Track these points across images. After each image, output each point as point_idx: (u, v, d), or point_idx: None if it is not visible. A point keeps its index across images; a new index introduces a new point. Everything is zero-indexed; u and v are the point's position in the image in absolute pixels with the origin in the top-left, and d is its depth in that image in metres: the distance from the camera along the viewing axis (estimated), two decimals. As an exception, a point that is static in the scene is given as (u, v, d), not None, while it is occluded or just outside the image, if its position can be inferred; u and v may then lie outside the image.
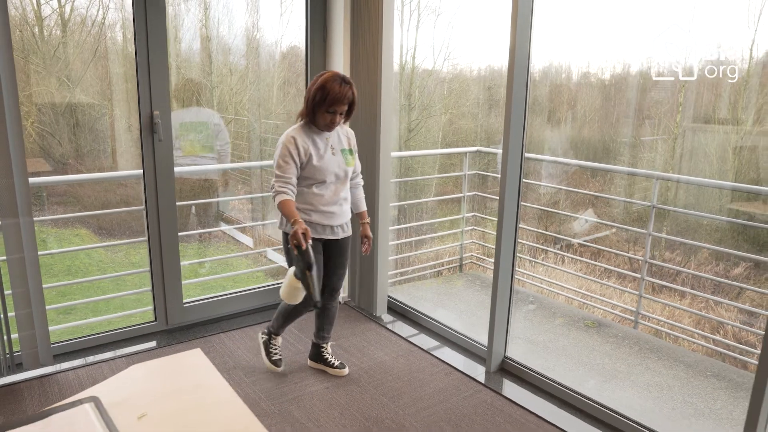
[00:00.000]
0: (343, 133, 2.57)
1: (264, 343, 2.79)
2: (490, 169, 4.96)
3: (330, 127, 2.43)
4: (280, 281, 3.66)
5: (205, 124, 4.08)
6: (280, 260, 4.17)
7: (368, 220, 2.71)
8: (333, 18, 3.34)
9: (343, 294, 3.62)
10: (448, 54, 7.80)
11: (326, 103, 2.34)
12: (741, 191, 4.43)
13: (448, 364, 2.89)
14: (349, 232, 2.62)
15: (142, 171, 2.93)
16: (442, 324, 3.24)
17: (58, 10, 4.85)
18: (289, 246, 2.25)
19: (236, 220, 5.17)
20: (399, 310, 3.52)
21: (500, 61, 3.18)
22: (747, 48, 4.61)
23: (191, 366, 1.32)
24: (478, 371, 2.84)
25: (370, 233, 2.68)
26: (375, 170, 3.23)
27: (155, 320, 3.15)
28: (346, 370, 2.79)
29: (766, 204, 4.19)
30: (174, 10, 4.28)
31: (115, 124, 4.73)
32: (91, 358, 2.87)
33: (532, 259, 4.93)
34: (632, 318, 4.04)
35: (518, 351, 2.93)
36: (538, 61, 6.16)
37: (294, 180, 2.39)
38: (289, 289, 2.31)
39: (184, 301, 3.20)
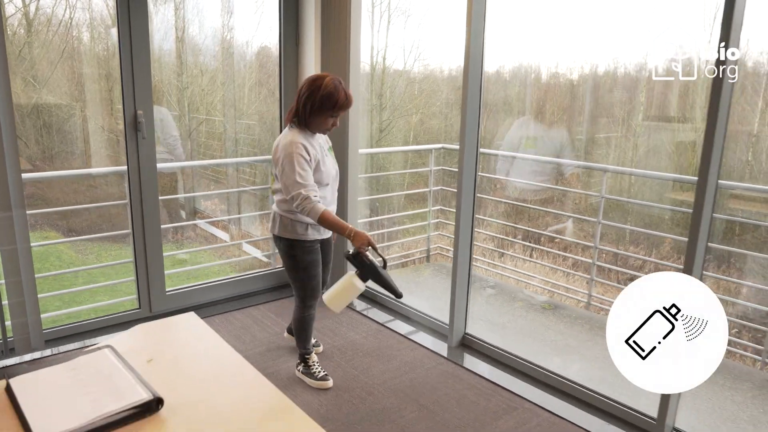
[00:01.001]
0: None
1: (303, 372, 2.75)
2: (455, 165, 5.23)
3: (325, 130, 2.45)
4: (258, 270, 3.88)
5: (161, 121, 4.24)
6: (253, 251, 4.39)
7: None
8: (305, 20, 3.57)
9: (316, 282, 3.86)
10: (419, 55, 8.00)
11: (336, 107, 2.35)
12: (685, 182, 4.80)
13: (414, 341, 3.16)
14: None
15: (126, 167, 3.13)
16: (410, 307, 3.50)
17: (22, 9, 4.91)
18: (351, 252, 2.27)
19: (208, 215, 5.33)
20: (372, 297, 3.78)
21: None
22: (702, 50, 4.97)
23: (188, 324, 1.55)
24: (442, 347, 3.12)
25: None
26: (344, 166, 3.48)
27: (139, 308, 3.35)
28: (321, 348, 3.02)
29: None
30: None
31: (86, 125, 4.83)
32: (79, 343, 3.05)
33: (494, 249, 5.24)
34: (585, 300, 4.37)
35: (479, 329, 3.21)
36: (508, 62, 6.48)
37: (316, 187, 2.36)
38: (346, 292, 2.25)
39: (167, 289, 3.40)
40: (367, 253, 2.28)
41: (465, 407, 2.53)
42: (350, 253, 2.30)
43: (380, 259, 2.36)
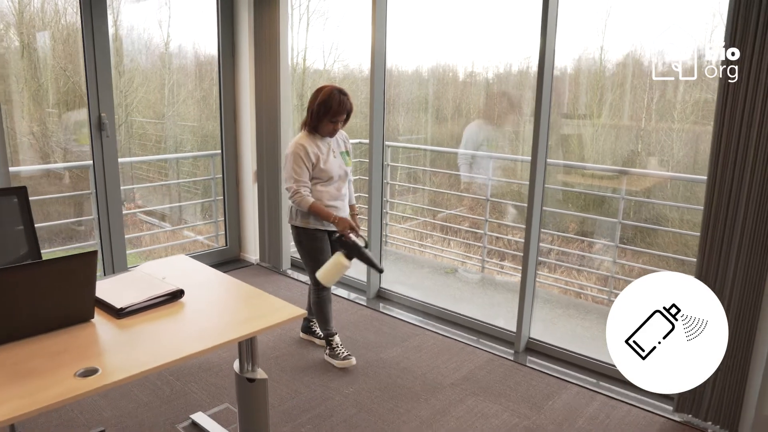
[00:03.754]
0: (341, 138, 2.95)
1: (329, 355, 3.03)
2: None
3: (332, 133, 2.82)
4: (204, 250, 4.52)
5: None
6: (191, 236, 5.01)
7: (357, 212, 3.09)
8: (239, 30, 4.25)
9: (255, 256, 4.56)
10: (338, 55, 8.58)
11: (330, 114, 2.72)
12: (570, 167, 5.83)
13: (338, 296, 3.94)
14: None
15: (92, 162, 3.70)
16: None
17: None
18: (335, 236, 2.71)
19: (142, 205, 5.81)
20: (301, 266, 4.51)
21: (389, 60, 3.91)
22: (598, 50, 5.85)
23: (182, 260, 2.25)
24: (361, 299, 3.92)
25: (357, 223, 2.99)
26: (278, 159, 4.19)
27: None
28: (319, 341, 3.23)
29: (595, 178, 5.51)
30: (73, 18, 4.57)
31: (14, 126, 5.10)
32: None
33: (406, 227, 6.11)
34: (480, 265, 5.32)
35: (393, 287, 4.03)
36: (425, 62, 7.04)
37: (308, 183, 2.76)
38: (335, 269, 2.65)
39: (129, 266, 3.99)
40: (351, 235, 2.69)
41: (380, 335, 3.34)
42: (336, 236, 2.73)
43: (363, 242, 2.75)
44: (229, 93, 4.34)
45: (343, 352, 3.00)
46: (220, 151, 4.46)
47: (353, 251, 2.65)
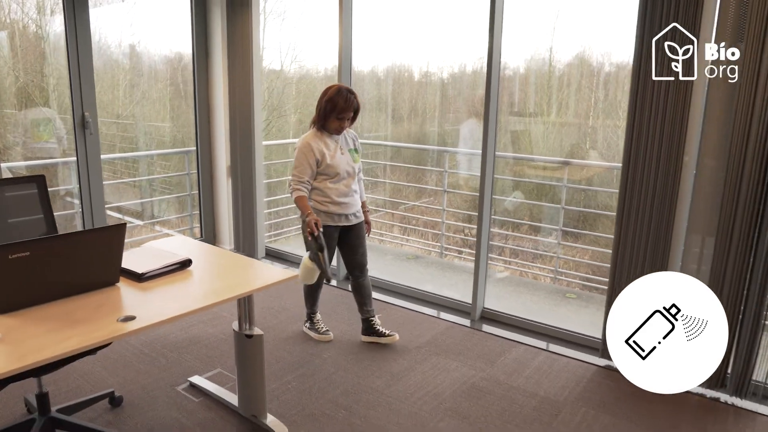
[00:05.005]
0: (350, 136, 3.03)
1: (309, 327, 3.30)
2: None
3: (339, 130, 2.90)
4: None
5: (48, 119, 4.93)
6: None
7: (368, 208, 3.20)
8: (212, 31, 4.54)
9: (230, 247, 4.85)
10: (295, 56, 8.75)
11: (336, 111, 2.82)
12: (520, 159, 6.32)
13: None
14: (362, 218, 3.11)
15: (76, 158, 3.94)
16: (302, 256, 4.63)
17: None
18: (304, 233, 2.81)
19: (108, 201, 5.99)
20: (275, 255, 4.84)
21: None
22: (549, 51, 6.26)
23: (183, 239, 2.57)
24: (335, 281, 4.28)
25: (369, 219, 3.17)
26: (251, 153, 4.51)
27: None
28: (397, 336, 3.24)
29: (547, 170, 6.00)
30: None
31: None
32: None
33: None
34: (439, 251, 5.76)
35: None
36: (381, 62, 7.21)
37: (307, 179, 2.85)
38: (305, 270, 2.80)
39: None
40: (319, 235, 2.75)
41: (351, 311, 3.70)
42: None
43: (318, 245, 2.78)
44: (203, 92, 4.62)
45: (322, 328, 3.29)
46: (195, 148, 4.74)
47: (311, 251, 2.80)
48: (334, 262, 4.35)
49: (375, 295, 3.98)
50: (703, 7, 2.52)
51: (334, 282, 3.00)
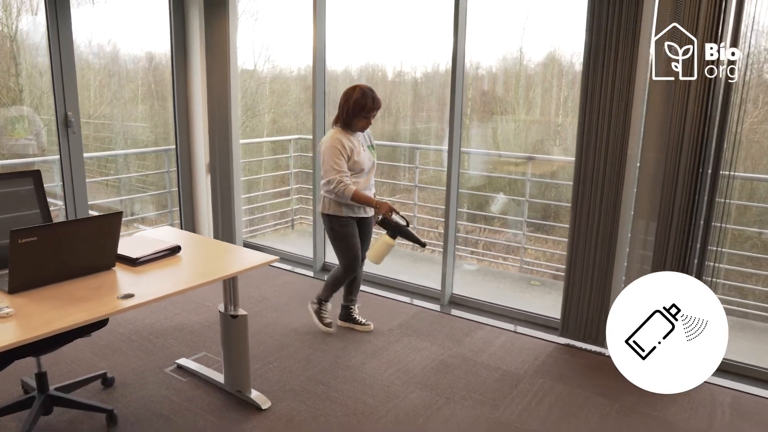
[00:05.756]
0: (366, 134, 3.19)
1: (315, 311, 3.41)
2: (309, 152, 6.56)
3: (365, 128, 3.09)
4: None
5: (24, 117, 5.04)
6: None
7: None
8: (190, 32, 4.69)
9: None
10: (269, 56, 8.82)
11: (365, 110, 2.98)
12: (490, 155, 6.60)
13: (282, 269, 4.51)
14: (372, 212, 3.27)
15: (59, 156, 4.07)
16: (281, 250, 4.83)
17: None
18: (379, 218, 2.96)
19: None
20: (253, 248, 5.01)
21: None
22: (519, 51, 6.49)
23: (169, 229, 2.75)
24: (311, 272, 4.49)
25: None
26: (229, 151, 4.68)
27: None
28: (372, 326, 3.46)
29: (518, 165, 6.27)
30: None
31: None
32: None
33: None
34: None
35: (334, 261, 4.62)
36: (354, 62, 7.24)
37: (348, 173, 3.00)
38: (383, 248, 2.98)
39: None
40: (394, 217, 2.96)
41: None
42: (379, 219, 2.98)
43: (404, 221, 3.02)
44: (181, 91, 4.77)
45: (326, 318, 3.40)
46: (174, 146, 4.89)
47: (396, 231, 2.97)
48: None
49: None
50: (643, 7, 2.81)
51: (426, 246, 3.19)
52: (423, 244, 3.01)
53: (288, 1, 6.41)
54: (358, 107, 2.98)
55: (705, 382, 2.02)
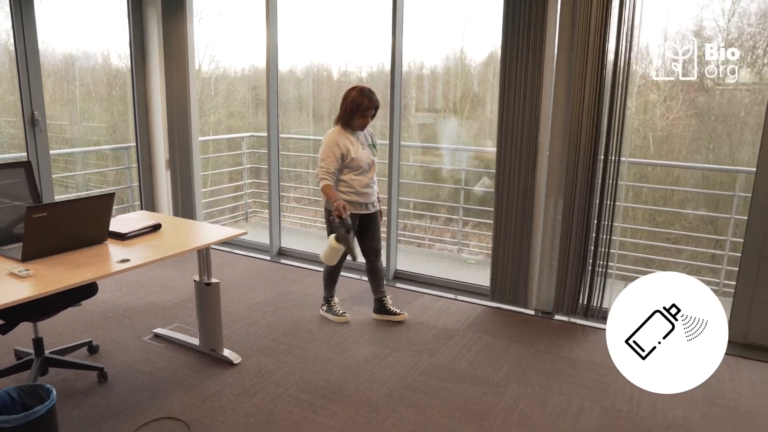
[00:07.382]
0: (368, 132, 3.33)
1: (326, 311, 3.59)
2: (262, 149, 6.95)
3: (363, 126, 3.24)
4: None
5: None
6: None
7: (380, 198, 3.49)
8: (149, 32, 5.01)
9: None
10: (213, 56, 8.99)
11: (361, 110, 3.14)
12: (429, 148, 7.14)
13: (240, 254, 4.91)
14: (378, 207, 3.42)
15: (26, 153, 4.32)
16: (242, 240, 5.22)
17: None
18: (332, 217, 3.06)
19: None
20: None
21: (264, 60, 4.48)
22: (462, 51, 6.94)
23: (145, 213, 3.13)
24: (268, 256, 4.90)
25: (382, 209, 3.50)
26: (189, 149, 5.03)
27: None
28: (406, 314, 3.62)
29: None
30: None
31: None
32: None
33: (300, 206, 7.13)
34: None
35: (291, 246, 5.05)
36: (299, 61, 7.44)
37: (333, 170, 3.13)
38: (331, 251, 3.07)
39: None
40: (336, 221, 3.04)
41: (284, 278, 4.34)
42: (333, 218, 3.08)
43: (345, 228, 3.04)
44: (141, 90, 5.08)
45: (339, 310, 3.60)
46: (134, 144, 5.19)
47: (338, 234, 3.07)
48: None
49: (303, 265, 4.66)
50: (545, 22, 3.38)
51: (360, 259, 3.36)
52: (354, 258, 3.14)
53: (233, 2, 6.60)
54: (354, 106, 3.15)
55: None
